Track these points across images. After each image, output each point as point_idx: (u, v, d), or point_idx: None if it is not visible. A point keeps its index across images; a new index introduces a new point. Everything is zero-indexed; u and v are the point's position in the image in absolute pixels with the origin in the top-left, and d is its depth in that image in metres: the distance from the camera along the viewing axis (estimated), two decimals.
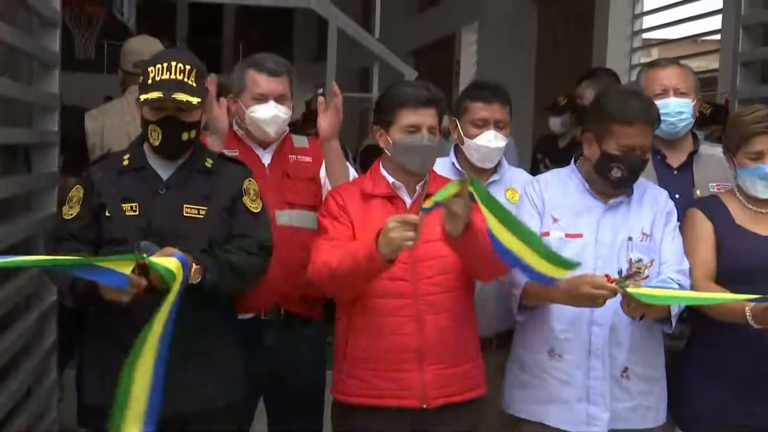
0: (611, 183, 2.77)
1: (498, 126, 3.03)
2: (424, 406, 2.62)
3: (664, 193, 2.88)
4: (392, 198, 2.72)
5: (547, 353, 2.78)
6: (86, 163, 3.16)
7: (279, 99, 3.06)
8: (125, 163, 2.66)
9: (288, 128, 3.21)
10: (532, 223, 2.72)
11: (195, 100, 2.56)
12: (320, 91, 10.63)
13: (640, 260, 2.69)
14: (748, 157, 2.75)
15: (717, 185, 3.02)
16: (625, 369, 2.74)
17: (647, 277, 2.66)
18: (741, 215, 2.81)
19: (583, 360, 2.73)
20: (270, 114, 3.03)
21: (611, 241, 2.75)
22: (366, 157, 6.45)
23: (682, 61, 4.71)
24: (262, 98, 3.03)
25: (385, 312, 2.63)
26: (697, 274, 2.76)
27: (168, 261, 2.38)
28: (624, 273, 2.58)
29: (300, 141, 3.27)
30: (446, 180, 2.72)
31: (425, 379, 2.62)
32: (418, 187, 2.73)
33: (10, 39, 3.23)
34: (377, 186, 2.74)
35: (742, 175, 2.79)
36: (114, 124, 3.80)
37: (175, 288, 2.37)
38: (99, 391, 2.54)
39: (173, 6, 14.02)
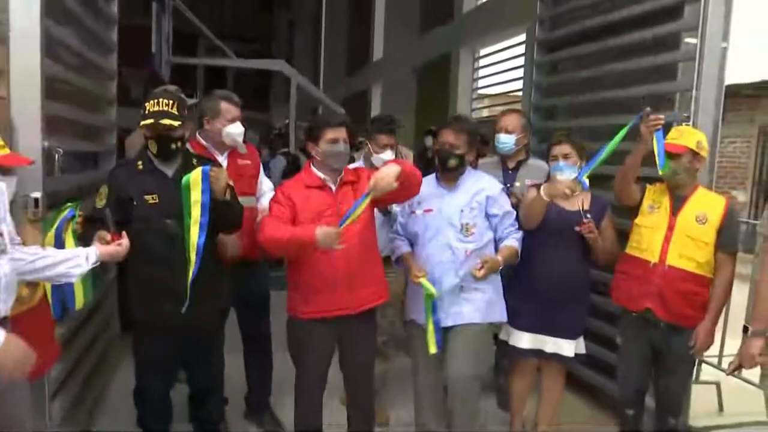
0: (436, 168, 2.65)
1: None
2: (352, 313, 2.44)
3: (485, 181, 2.69)
4: (323, 187, 2.46)
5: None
6: None
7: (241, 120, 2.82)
8: (140, 167, 2.40)
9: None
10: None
11: (176, 123, 2.32)
12: (286, 121, 10.41)
13: (467, 223, 2.59)
14: (552, 159, 2.77)
15: (529, 181, 2.96)
16: (462, 287, 2.58)
17: (474, 233, 2.59)
18: None
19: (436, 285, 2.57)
20: (240, 130, 2.80)
21: (450, 212, 2.61)
22: None
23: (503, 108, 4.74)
24: (233, 120, 2.78)
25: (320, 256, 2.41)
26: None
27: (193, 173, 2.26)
28: (457, 233, 2.55)
29: (242, 148, 2.91)
30: (354, 171, 2.53)
31: (354, 295, 2.44)
32: (338, 179, 2.47)
33: (90, 87, 3.04)
34: (313, 180, 2.47)
35: (551, 171, 2.79)
36: (138, 141, 3.58)
37: (195, 181, 2.23)
38: (139, 308, 2.42)
39: (194, 66, 13.52)
